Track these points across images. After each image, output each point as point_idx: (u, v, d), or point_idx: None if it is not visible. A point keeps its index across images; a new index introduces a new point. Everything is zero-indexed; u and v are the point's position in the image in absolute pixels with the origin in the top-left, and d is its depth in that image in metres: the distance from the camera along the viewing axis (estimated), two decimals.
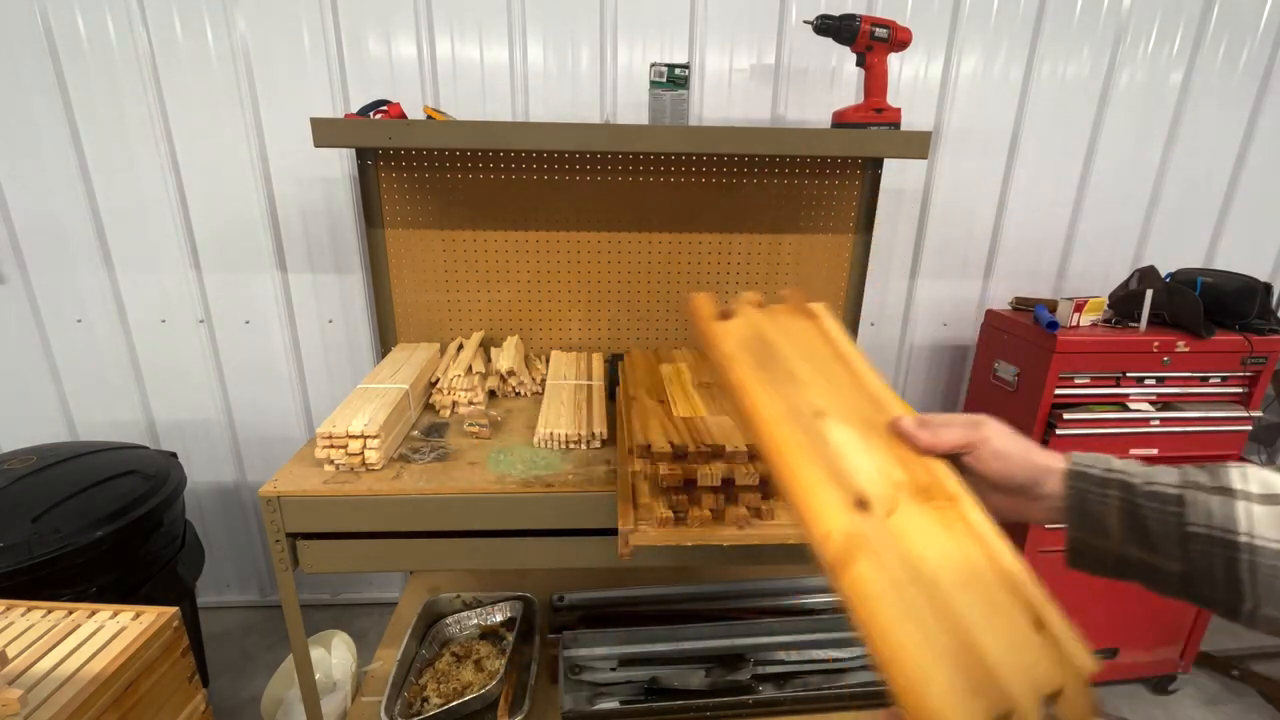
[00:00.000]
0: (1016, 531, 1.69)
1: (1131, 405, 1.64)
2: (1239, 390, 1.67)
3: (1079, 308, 1.63)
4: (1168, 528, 0.47)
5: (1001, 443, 0.54)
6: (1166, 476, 0.49)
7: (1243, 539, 0.44)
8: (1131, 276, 1.70)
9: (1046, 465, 0.52)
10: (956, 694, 0.44)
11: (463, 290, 1.66)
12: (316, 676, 1.27)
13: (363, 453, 1.09)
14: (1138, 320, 1.63)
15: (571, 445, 1.21)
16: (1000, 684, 0.44)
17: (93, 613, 1.05)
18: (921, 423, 0.55)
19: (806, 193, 1.63)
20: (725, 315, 0.66)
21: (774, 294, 0.71)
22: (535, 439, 1.22)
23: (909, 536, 0.49)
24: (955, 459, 0.54)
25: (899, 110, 1.42)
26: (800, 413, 0.57)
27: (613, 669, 1.31)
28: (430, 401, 1.40)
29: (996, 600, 0.48)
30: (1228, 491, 0.46)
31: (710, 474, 0.92)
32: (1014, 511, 0.54)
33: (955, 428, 0.54)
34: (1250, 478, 0.46)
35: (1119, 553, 0.50)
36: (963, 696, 0.44)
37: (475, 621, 1.56)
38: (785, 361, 0.62)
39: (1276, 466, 0.47)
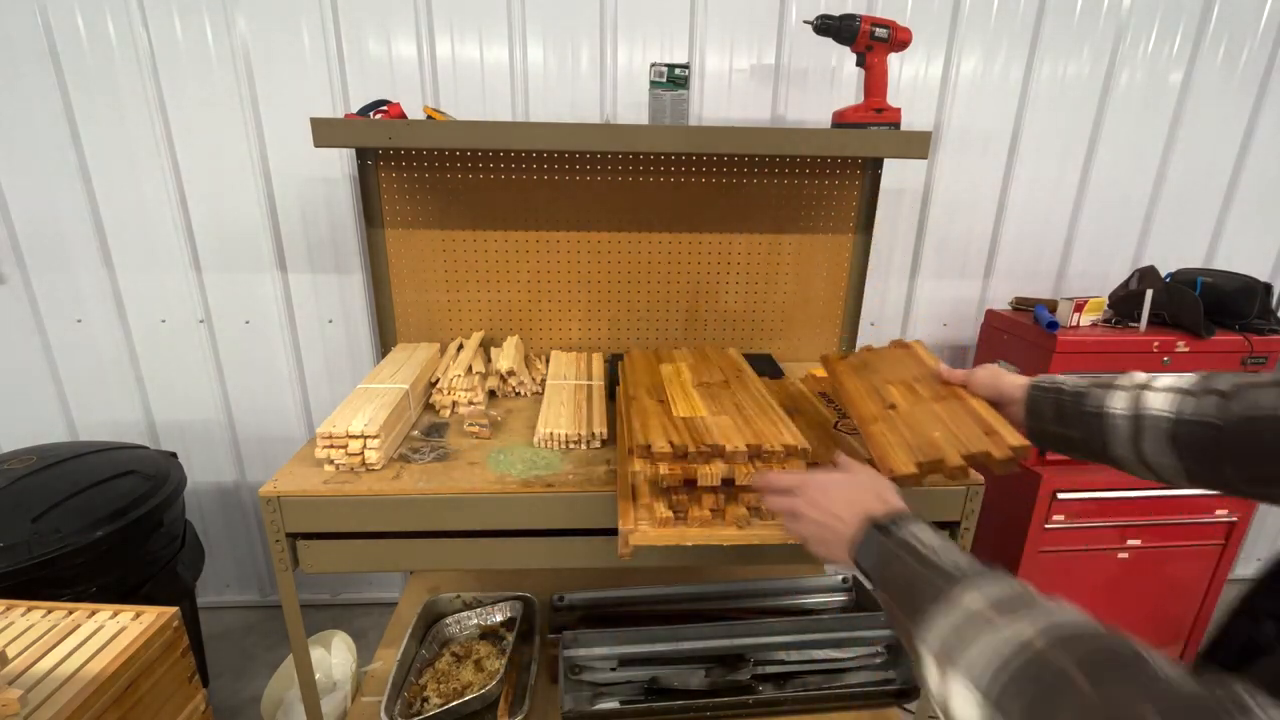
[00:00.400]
0: (1017, 535, 1.69)
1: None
2: None
3: (1079, 308, 1.63)
4: (1073, 409, 0.78)
5: (981, 376, 0.93)
6: (1082, 383, 0.79)
7: (1106, 412, 0.74)
8: (1131, 276, 1.70)
9: (1011, 387, 0.88)
10: (905, 453, 0.88)
11: (463, 290, 1.66)
12: (316, 676, 1.27)
13: (363, 453, 1.09)
14: (1138, 320, 1.63)
15: (571, 445, 1.21)
16: (939, 450, 0.85)
17: (93, 613, 1.05)
18: (947, 371, 1.00)
19: (806, 193, 1.63)
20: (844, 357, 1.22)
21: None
22: (535, 439, 1.22)
23: (915, 414, 0.95)
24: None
25: (899, 110, 1.42)
26: (871, 383, 1.08)
27: (613, 669, 1.31)
28: (430, 401, 1.40)
29: (962, 422, 0.88)
30: (1111, 386, 0.75)
31: (710, 474, 0.92)
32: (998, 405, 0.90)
33: (959, 372, 0.97)
34: (1133, 375, 0.75)
35: (1049, 430, 0.82)
36: (908, 454, 0.88)
37: (475, 621, 1.56)
38: (872, 366, 1.14)
39: (1157, 380, 0.72)
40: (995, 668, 0.43)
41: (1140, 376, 0.73)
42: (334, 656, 1.69)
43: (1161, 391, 0.70)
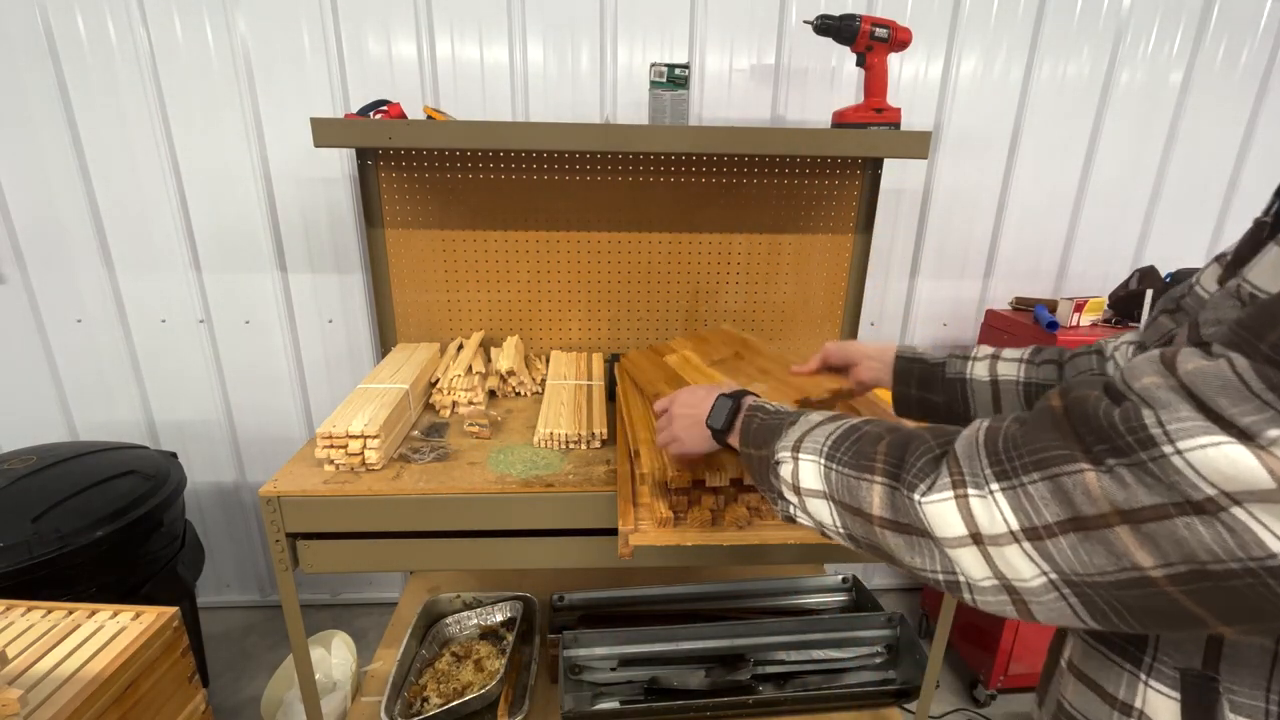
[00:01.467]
0: None
1: None
2: None
3: (1079, 308, 1.63)
4: (937, 377, 0.88)
5: (830, 348, 1.01)
6: (939, 354, 0.90)
7: (968, 378, 0.85)
8: (1131, 276, 1.70)
9: (861, 351, 0.97)
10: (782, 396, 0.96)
11: (463, 290, 1.66)
12: (316, 676, 1.27)
13: (363, 453, 1.09)
14: (1138, 320, 1.63)
15: (571, 445, 1.21)
16: (805, 391, 0.96)
17: (93, 613, 1.05)
18: (796, 367, 1.07)
19: (806, 193, 1.63)
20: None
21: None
22: (535, 439, 1.22)
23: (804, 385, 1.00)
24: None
25: (899, 110, 1.42)
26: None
27: (613, 669, 1.31)
28: (430, 401, 1.40)
29: (826, 387, 0.98)
30: (965, 357, 0.87)
31: (719, 474, 0.92)
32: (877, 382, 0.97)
33: (811, 362, 1.05)
34: (980, 348, 0.88)
35: (915, 395, 0.91)
36: (785, 394, 0.97)
37: (475, 621, 1.56)
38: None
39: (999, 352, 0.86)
40: (833, 437, 0.57)
41: (987, 349, 0.87)
42: (334, 656, 1.69)
43: (1011, 361, 0.84)
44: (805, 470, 0.58)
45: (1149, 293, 1.61)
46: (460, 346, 1.59)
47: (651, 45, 1.65)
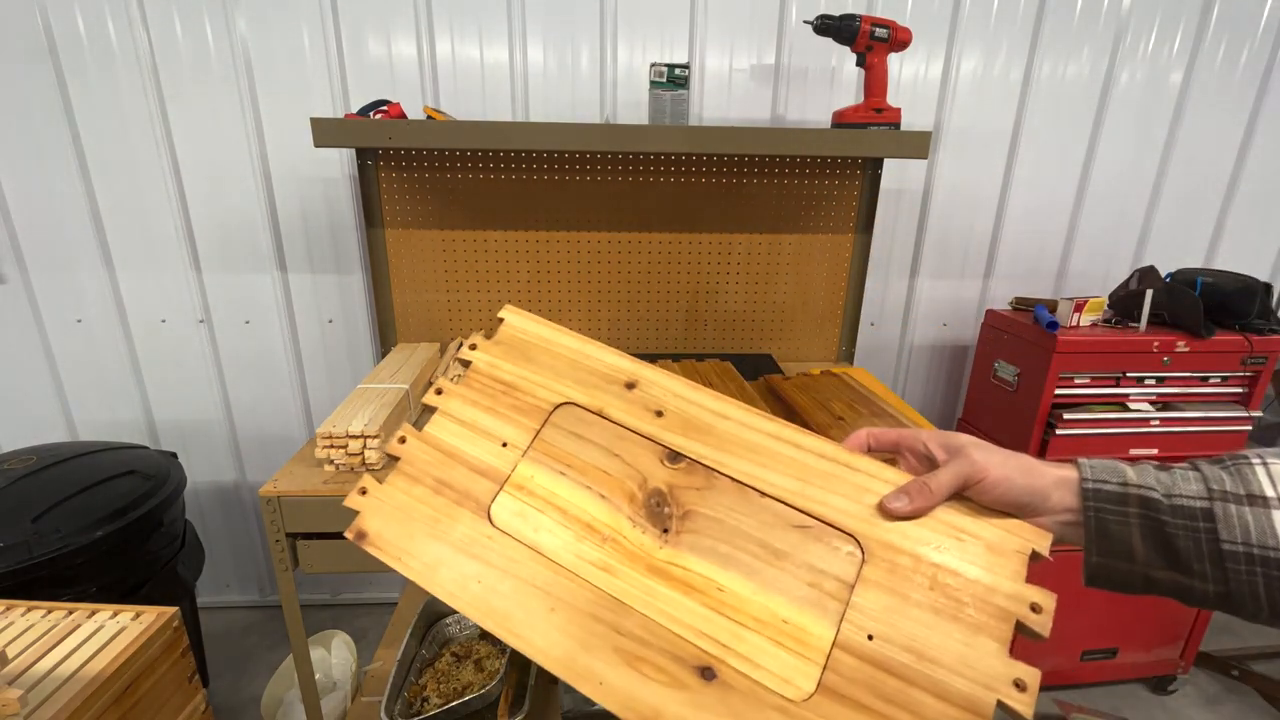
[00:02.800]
0: None
1: (1131, 405, 1.64)
2: (1239, 390, 1.67)
3: (1079, 308, 1.63)
4: (1200, 547, 0.44)
5: (998, 473, 0.49)
6: (1190, 487, 0.46)
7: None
8: (1131, 276, 1.70)
9: (1054, 479, 0.49)
10: None
11: (463, 290, 1.66)
12: (316, 676, 1.27)
13: (363, 453, 1.09)
14: (1138, 320, 1.63)
15: None
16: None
17: (93, 613, 1.05)
18: (911, 493, 0.50)
19: (806, 193, 1.63)
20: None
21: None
22: None
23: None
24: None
25: (899, 110, 1.42)
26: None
27: None
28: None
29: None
30: (1260, 500, 0.43)
31: None
32: (1021, 515, 0.50)
33: (944, 482, 0.50)
34: (1277, 477, 0.44)
35: (1145, 574, 0.47)
36: None
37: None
38: None
39: None
40: None
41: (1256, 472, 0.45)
42: (334, 656, 1.69)
43: None
44: None
45: (1149, 293, 1.61)
46: (460, 346, 1.59)
47: (651, 45, 1.65)
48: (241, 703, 1.81)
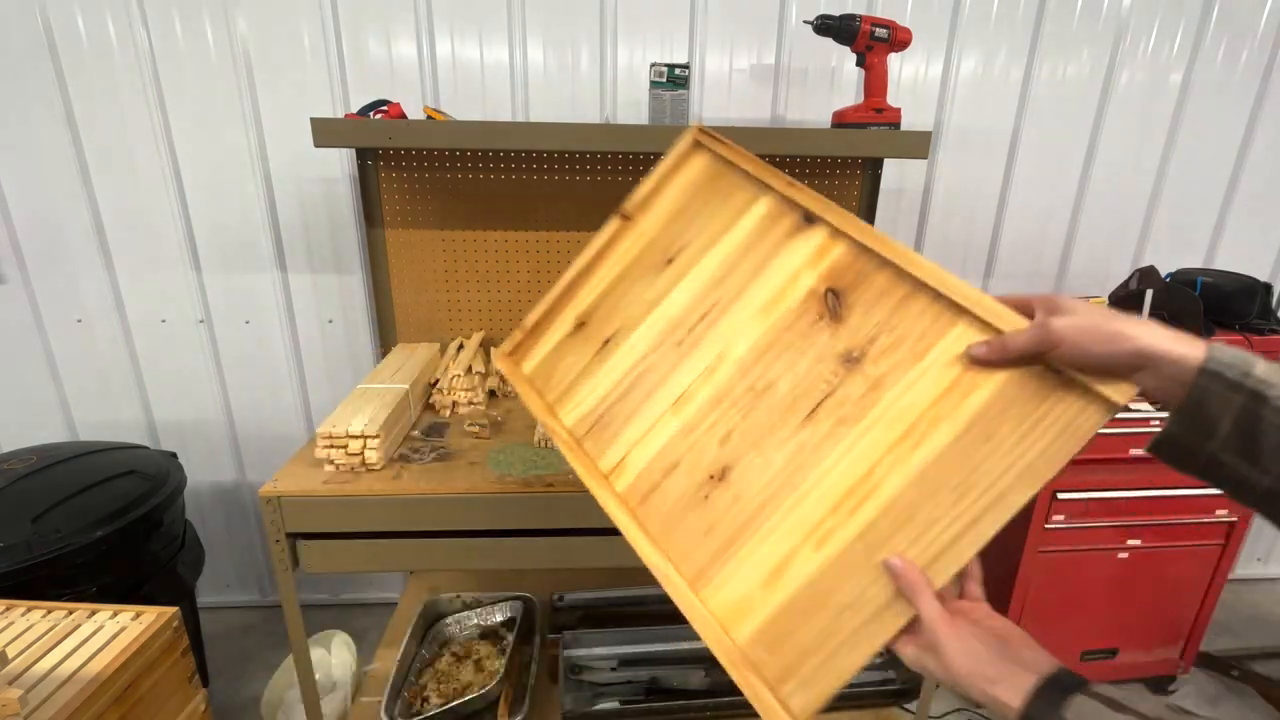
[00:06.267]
0: (1017, 535, 1.69)
1: (1131, 405, 1.64)
2: None
3: None
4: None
5: (1070, 349, 0.52)
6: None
7: None
8: (1131, 276, 1.70)
9: (1166, 354, 0.50)
10: None
11: (463, 290, 1.66)
12: (316, 676, 1.27)
13: (363, 453, 1.09)
14: None
15: None
16: None
17: (93, 613, 1.05)
18: (991, 344, 0.58)
19: None
20: None
21: None
22: (535, 439, 1.22)
23: None
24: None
25: (899, 110, 1.42)
26: None
27: (613, 669, 1.32)
28: (430, 401, 1.40)
29: None
30: None
31: None
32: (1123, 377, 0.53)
33: (1019, 343, 0.55)
34: None
35: (1214, 455, 0.48)
36: None
37: (475, 621, 1.56)
38: None
39: None
40: None
41: None
42: (334, 656, 1.69)
43: None
44: None
45: (1149, 293, 1.61)
46: (460, 346, 1.59)
47: (651, 45, 1.65)
48: (241, 703, 1.81)
